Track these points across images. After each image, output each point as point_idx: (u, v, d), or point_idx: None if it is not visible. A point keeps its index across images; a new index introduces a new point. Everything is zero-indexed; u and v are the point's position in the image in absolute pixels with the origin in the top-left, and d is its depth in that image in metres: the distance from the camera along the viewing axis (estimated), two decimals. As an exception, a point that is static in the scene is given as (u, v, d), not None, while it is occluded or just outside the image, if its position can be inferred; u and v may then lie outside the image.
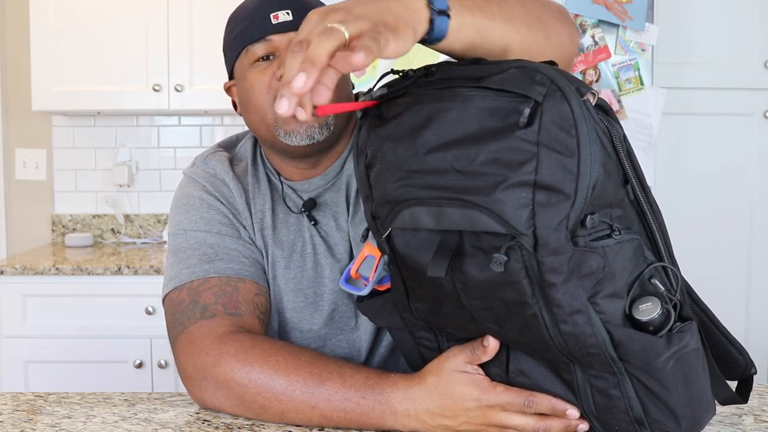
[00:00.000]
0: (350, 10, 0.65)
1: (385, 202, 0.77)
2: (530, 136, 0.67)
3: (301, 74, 0.61)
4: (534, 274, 0.70)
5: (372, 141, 0.78)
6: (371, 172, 0.79)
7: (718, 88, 2.83)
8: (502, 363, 0.82)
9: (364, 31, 0.64)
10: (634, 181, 0.73)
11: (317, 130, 1.05)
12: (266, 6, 1.05)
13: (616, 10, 2.26)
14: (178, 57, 2.63)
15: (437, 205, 0.72)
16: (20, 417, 0.96)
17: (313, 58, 0.62)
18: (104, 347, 2.36)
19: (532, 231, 0.68)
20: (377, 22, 0.65)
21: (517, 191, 0.68)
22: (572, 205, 0.67)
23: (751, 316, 2.87)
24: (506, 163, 0.68)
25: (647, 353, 0.72)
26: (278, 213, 1.13)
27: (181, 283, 1.04)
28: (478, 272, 0.73)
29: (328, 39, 0.62)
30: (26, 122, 2.97)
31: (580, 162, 0.67)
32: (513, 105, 0.69)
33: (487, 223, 0.69)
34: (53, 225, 2.99)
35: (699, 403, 0.77)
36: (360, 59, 0.61)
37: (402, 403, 0.86)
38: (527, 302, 0.72)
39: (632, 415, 0.76)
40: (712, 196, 2.86)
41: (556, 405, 0.80)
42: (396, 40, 0.65)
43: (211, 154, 1.16)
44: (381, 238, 0.81)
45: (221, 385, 0.93)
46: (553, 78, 0.69)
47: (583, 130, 0.67)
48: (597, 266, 0.70)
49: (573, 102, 0.68)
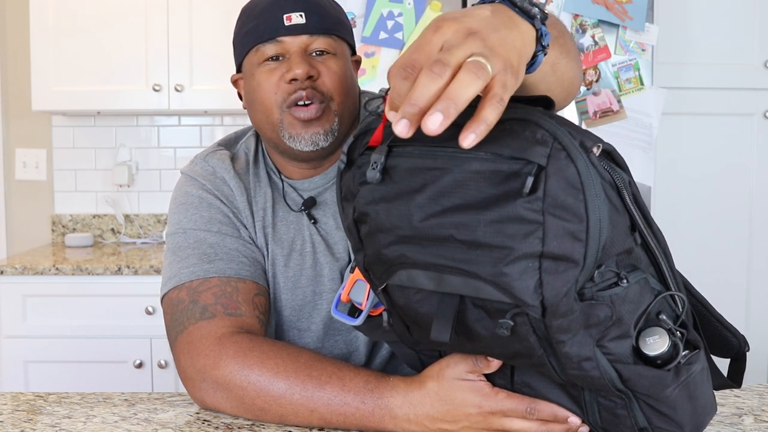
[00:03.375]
0: (486, 38, 0.57)
1: (379, 261, 0.73)
2: (535, 205, 0.63)
3: (438, 115, 0.53)
4: (542, 333, 0.68)
5: (362, 197, 0.72)
6: (361, 227, 0.74)
7: (718, 88, 2.83)
8: (506, 375, 0.82)
9: (497, 73, 0.56)
10: (641, 223, 0.70)
11: (322, 136, 1.05)
12: (280, 6, 1.05)
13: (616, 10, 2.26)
14: (178, 57, 2.63)
15: (436, 270, 0.68)
16: (20, 417, 0.96)
17: (458, 100, 0.54)
18: (104, 347, 2.36)
19: (540, 301, 0.65)
20: (507, 63, 0.57)
21: (522, 263, 0.64)
22: (581, 270, 0.64)
23: (751, 316, 2.87)
24: (510, 234, 0.63)
25: (656, 386, 0.71)
26: (278, 211, 1.13)
27: (181, 282, 1.03)
28: (483, 330, 0.70)
29: (477, 79, 0.54)
30: (26, 122, 2.97)
31: (589, 228, 0.63)
32: (514, 168, 0.64)
33: (491, 293, 0.66)
34: (53, 225, 2.99)
35: (702, 410, 0.77)
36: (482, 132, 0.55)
37: (402, 408, 0.86)
38: (535, 353, 0.71)
39: (637, 427, 0.76)
40: (712, 196, 2.86)
41: (558, 412, 0.80)
42: (515, 84, 0.59)
43: (211, 153, 1.16)
44: (377, 291, 0.77)
45: (221, 386, 0.93)
46: (556, 134, 0.63)
47: (590, 193, 0.62)
48: (605, 316, 0.67)
49: (579, 162, 0.63)
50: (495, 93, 0.55)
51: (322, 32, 1.06)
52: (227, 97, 2.55)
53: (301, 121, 1.04)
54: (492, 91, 0.56)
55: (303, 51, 1.05)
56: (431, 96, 0.54)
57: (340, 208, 0.77)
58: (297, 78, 1.03)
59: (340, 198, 0.77)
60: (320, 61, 1.06)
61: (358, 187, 0.73)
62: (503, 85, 0.56)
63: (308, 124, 1.04)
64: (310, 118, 1.04)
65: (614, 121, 2.28)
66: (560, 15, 2.25)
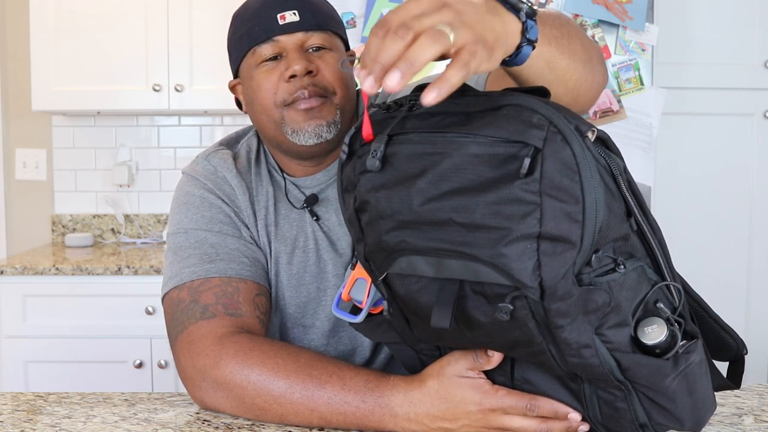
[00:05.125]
0: (460, 13, 0.61)
1: (380, 249, 0.75)
2: (532, 186, 0.65)
3: (396, 72, 0.58)
4: (541, 317, 0.69)
5: (363, 185, 0.74)
6: (362, 216, 0.76)
7: (718, 88, 2.83)
8: (506, 372, 0.82)
9: (467, 43, 0.61)
10: (637, 210, 0.71)
11: (325, 128, 1.05)
12: (272, 6, 1.05)
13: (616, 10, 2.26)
14: (178, 57, 2.63)
15: (436, 255, 0.70)
16: (20, 417, 0.96)
17: (414, 61, 0.59)
18: (104, 347, 2.36)
19: (538, 282, 0.66)
20: (480, 37, 0.61)
21: (521, 244, 0.65)
22: (578, 252, 0.65)
23: (751, 316, 2.87)
24: (508, 215, 0.65)
25: (654, 376, 0.71)
26: (280, 209, 1.13)
27: (182, 282, 1.03)
28: (483, 316, 0.71)
29: (435, 44, 0.59)
30: (26, 122, 2.97)
31: (585, 209, 0.64)
32: (511, 150, 0.66)
33: (490, 275, 0.67)
34: (53, 225, 2.99)
35: (702, 405, 0.77)
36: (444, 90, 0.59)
37: (402, 407, 0.86)
38: (534, 341, 0.71)
39: (637, 422, 0.76)
40: (712, 196, 2.86)
41: (558, 408, 0.80)
42: (489, 60, 0.63)
43: (213, 152, 1.16)
44: (377, 281, 0.78)
45: (221, 386, 0.93)
46: (552, 119, 0.66)
47: (586, 175, 0.64)
48: (603, 302, 0.68)
49: (574, 145, 0.65)
50: (461, 57, 0.60)
51: (317, 28, 1.07)
52: (227, 97, 2.52)
53: (302, 112, 1.04)
54: (459, 56, 0.60)
55: (300, 48, 1.06)
56: (393, 56, 0.59)
57: (341, 200, 0.79)
58: (296, 74, 1.03)
59: (341, 190, 0.78)
60: (318, 57, 1.06)
61: (358, 177, 0.75)
62: (471, 53, 0.60)
63: (310, 116, 1.04)
64: (311, 107, 1.04)
65: (614, 121, 2.28)
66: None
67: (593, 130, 0.67)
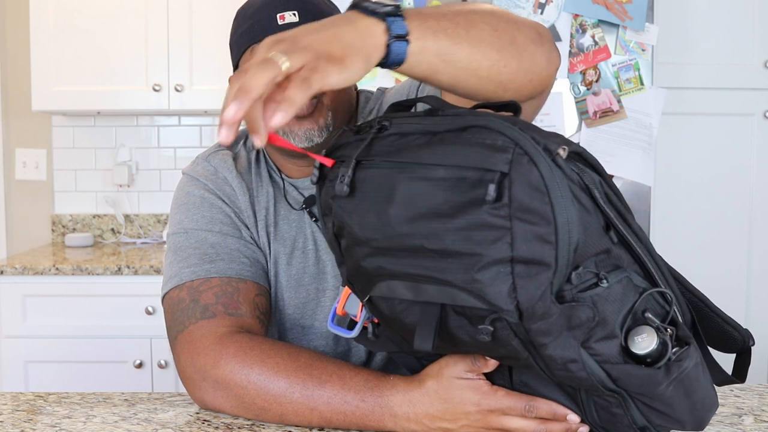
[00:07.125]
0: (296, 40, 0.65)
1: (359, 273, 0.75)
2: (501, 211, 0.64)
3: (233, 104, 0.61)
4: (523, 336, 0.68)
5: (336, 211, 0.75)
6: (341, 240, 0.77)
7: (718, 88, 2.83)
8: (505, 375, 0.82)
9: (306, 62, 0.63)
10: (618, 221, 0.70)
11: (316, 132, 1.05)
12: (273, 6, 1.05)
13: (616, 10, 2.26)
14: (178, 57, 2.63)
15: (413, 281, 0.70)
16: (20, 417, 0.96)
17: (246, 88, 0.61)
18: (104, 347, 2.36)
19: (515, 305, 0.65)
20: (321, 54, 0.64)
21: (494, 269, 0.65)
22: (554, 272, 0.65)
23: (751, 316, 2.87)
24: (479, 240, 0.65)
25: (647, 385, 0.71)
26: (280, 210, 1.13)
27: (182, 282, 1.04)
28: (466, 336, 0.71)
29: (263, 71, 0.62)
30: (26, 122, 2.97)
31: (557, 230, 0.63)
32: (478, 174, 0.65)
33: (467, 300, 0.67)
34: (53, 225, 2.99)
35: (702, 405, 0.77)
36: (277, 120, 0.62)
37: (402, 406, 0.86)
38: (520, 356, 0.71)
39: (636, 426, 0.76)
40: (712, 196, 2.86)
41: (557, 410, 0.80)
42: (340, 71, 0.64)
43: (213, 153, 1.16)
44: (362, 301, 0.79)
45: (221, 386, 0.93)
46: (518, 140, 0.65)
47: (556, 195, 0.63)
48: (587, 317, 0.68)
49: (542, 166, 0.64)
50: (299, 75, 0.63)
51: None
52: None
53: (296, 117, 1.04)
54: (297, 74, 0.63)
55: None
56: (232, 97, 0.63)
57: (322, 223, 0.79)
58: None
59: (320, 214, 0.79)
60: None
61: (331, 201, 0.75)
62: (311, 69, 0.63)
63: (300, 120, 1.04)
64: (301, 114, 1.04)
65: (614, 121, 2.28)
66: (560, 15, 2.25)
67: (564, 147, 0.65)
